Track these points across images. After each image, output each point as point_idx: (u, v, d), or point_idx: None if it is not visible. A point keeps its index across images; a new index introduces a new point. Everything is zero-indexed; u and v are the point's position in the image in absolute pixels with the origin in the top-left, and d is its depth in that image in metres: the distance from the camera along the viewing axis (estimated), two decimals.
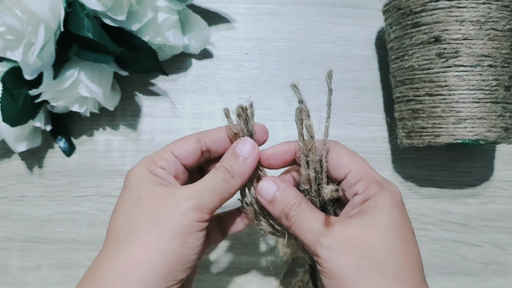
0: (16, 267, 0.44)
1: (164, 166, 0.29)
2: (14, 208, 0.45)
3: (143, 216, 0.26)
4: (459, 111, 0.37)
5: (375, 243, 0.25)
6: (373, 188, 0.27)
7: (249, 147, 0.29)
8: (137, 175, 0.28)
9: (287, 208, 0.28)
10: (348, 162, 0.28)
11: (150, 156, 0.30)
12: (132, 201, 0.27)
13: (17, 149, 0.41)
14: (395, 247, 0.26)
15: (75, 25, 0.37)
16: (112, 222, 0.28)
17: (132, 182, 0.28)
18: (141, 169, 0.29)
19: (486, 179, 0.46)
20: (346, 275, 0.25)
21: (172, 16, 0.41)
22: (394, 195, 0.27)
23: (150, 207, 0.27)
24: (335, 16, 0.48)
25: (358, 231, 0.26)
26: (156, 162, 0.29)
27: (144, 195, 0.27)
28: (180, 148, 0.30)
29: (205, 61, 0.47)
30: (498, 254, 0.45)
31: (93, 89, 0.40)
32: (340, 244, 0.26)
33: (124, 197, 0.28)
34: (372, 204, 0.27)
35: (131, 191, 0.28)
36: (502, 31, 0.37)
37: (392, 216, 0.26)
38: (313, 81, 0.47)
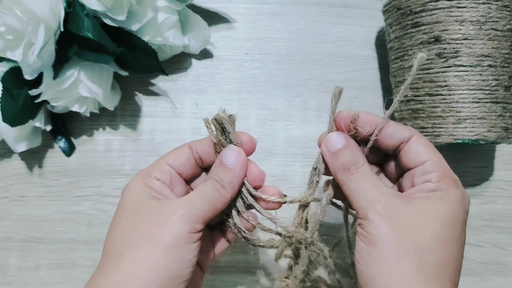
0: (15, 267, 0.44)
1: (159, 176, 0.29)
2: (14, 208, 0.45)
3: (135, 232, 0.26)
4: (459, 111, 0.37)
5: (429, 232, 0.25)
6: (449, 183, 0.27)
7: (235, 155, 0.29)
8: (132, 189, 0.28)
9: (350, 163, 0.28)
10: (429, 151, 0.28)
11: (145, 169, 0.30)
12: (126, 217, 0.27)
13: (17, 149, 0.41)
14: (446, 244, 0.25)
15: (75, 25, 0.37)
16: (107, 239, 0.27)
17: (126, 198, 0.28)
18: (136, 183, 0.29)
19: (486, 179, 0.46)
20: (389, 247, 0.25)
21: (172, 16, 0.41)
22: (465, 199, 0.27)
23: (142, 222, 0.26)
24: (335, 16, 0.48)
25: (415, 213, 0.25)
26: (151, 173, 0.29)
27: (137, 211, 0.27)
28: (174, 156, 0.30)
29: (205, 61, 0.47)
30: (499, 254, 0.45)
31: (93, 89, 0.40)
32: (394, 218, 0.25)
33: (118, 214, 0.28)
34: (442, 196, 0.26)
35: (125, 207, 0.28)
36: (502, 31, 0.37)
37: (456, 216, 0.26)
38: (313, 81, 0.47)
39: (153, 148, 0.45)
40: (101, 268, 0.26)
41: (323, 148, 0.29)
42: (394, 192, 0.27)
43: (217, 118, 0.29)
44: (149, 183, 0.29)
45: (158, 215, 0.26)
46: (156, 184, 0.29)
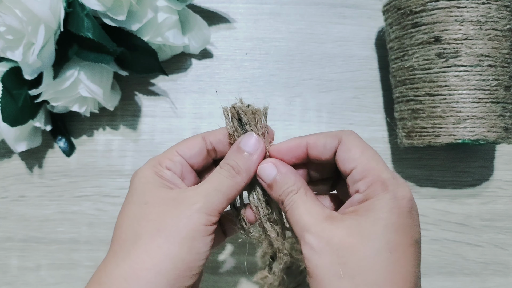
0: (16, 267, 0.44)
1: (170, 166, 0.28)
2: (14, 208, 0.45)
3: (148, 220, 0.26)
4: (459, 111, 0.37)
5: (357, 251, 0.23)
6: (375, 188, 0.25)
7: (254, 141, 0.28)
8: (142, 177, 0.28)
9: (284, 195, 0.27)
10: (356, 156, 0.26)
11: (156, 157, 0.29)
12: (137, 205, 0.27)
13: (17, 149, 0.41)
14: (378, 259, 0.23)
15: (75, 25, 0.37)
16: (117, 226, 0.27)
17: (137, 185, 0.27)
18: (146, 171, 0.28)
19: (486, 179, 0.46)
20: (324, 279, 0.23)
21: (172, 16, 0.41)
22: (398, 199, 0.24)
23: (155, 211, 0.26)
24: (335, 16, 0.48)
25: (343, 233, 0.24)
26: (162, 162, 0.28)
27: (149, 199, 0.27)
28: (186, 147, 0.29)
29: (205, 61, 0.47)
30: (498, 254, 0.45)
31: (93, 89, 0.40)
32: (322, 245, 0.24)
33: (129, 201, 0.27)
34: (368, 206, 0.24)
35: (136, 195, 0.27)
36: (502, 31, 0.37)
37: (386, 223, 0.23)
38: (313, 81, 0.47)
39: (153, 148, 0.45)
40: (111, 255, 0.26)
41: (260, 181, 0.29)
42: (328, 214, 0.25)
43: (234, 107, 0.29)
44: (160, 172, 0.28)
45: (173, 205, 0.26)
46: (167, 174, 0.28)
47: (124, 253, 0.25)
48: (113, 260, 0.25)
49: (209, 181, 0.27)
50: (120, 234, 0.26)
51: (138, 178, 0.28)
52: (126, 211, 0.27)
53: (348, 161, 0.26)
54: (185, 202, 0.26)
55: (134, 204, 0.27)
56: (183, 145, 0.29)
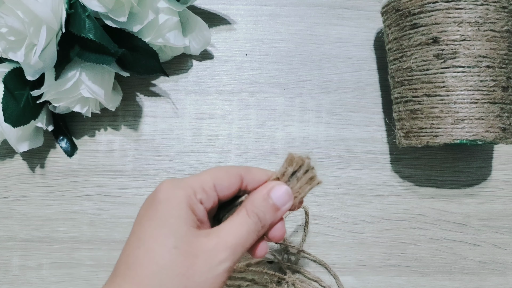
0: (17, 266, 0.44)
1: (204, 200, 0.25)
2: (16, 208, 0.45)
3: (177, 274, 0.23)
4: (457, 111, 0.37)
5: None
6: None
7: (285, 194, 0.26)
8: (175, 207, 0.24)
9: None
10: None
11: (191, 182, 0.25)
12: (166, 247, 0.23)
13: (19, 149, 0.41)
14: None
15: (77, 26, 0.37)
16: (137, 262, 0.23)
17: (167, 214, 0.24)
18: (180, 201, 0.24)
19: (484, 179, 0.46)
20: None
21: (173, 17, 0.41)
22: None
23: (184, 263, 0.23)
24: (334, 18, 0.48)
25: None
26: (197, 193, 0.25)
27: (180, 244, 0.23)
28: (224, 185, 0.26)
29: (205, 62, 0.48)
30: (497, 254, 0.45)
31: (95, 89, 0.40)
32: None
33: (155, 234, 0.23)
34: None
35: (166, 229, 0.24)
36: (500, 32, 0.37)
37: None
38: (312, 81, 0.47)
39: (154, 148, 0.46)
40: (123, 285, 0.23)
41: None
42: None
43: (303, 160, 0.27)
44: (193, 206, 0.25)
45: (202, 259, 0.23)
46: (200, 209, 0.25)
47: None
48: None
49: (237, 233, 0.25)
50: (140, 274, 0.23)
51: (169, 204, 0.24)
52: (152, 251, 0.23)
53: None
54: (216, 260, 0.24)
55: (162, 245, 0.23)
56: (221, 179, 0.26)
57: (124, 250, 0.24)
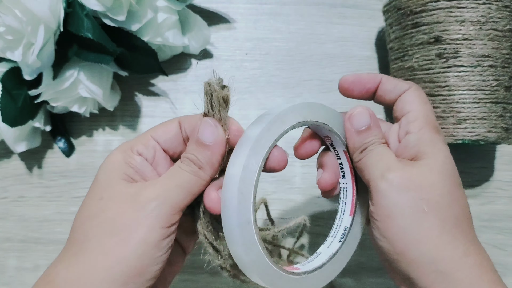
0: (14, 268, 0.44)
1: (142, 151, 0.26)
2: (13, 209, 0.44)
3: (101, 220, 0.24)
4: (459, 111, 0.37)
5: (438, 187, 0.25)
6: (429, 129, 0.27)
7: (211, 130, 0.25)
8: (108, 165, 0.26)
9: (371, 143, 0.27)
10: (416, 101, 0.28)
11: (129, 142, 0.27)
12: (94, 201, 0.25)
13: (16, 149, 0.41)
14: (455, 194, 0.25)
15: (75, 25, 0.37)
16: (73, 223, 0.25)
17: (99, 175, 0.26)
18: (114, 158, 0.26)
19: (486, 180, 0.46)
20: (404, 215, 0.24)
21: (172, 16, 0.41)
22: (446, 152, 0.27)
23: (111, 209, 0.24)
24: (335, 16, 0.48)
25: (422, 172, 0.25)
26: (133, 147, 0.26)
27: (105, 194, 0.24)
28: (161, 130, 0.27)
29: (205, 62, 0.47)
30: (497, 255, 0.45)
31: (93, 89, 0.40)
32: (405, 181, 0.25)
33: (88, 194, 0.25)
34: (431, 148, 0.26)
35: (95, 188, 0.25)
36: (502, 31, 0.37)
37: (451, 163, 0.26)
38: (313, 81, 0.47)
39: None
40: (62, 254, 0.24)
41: (347, 125, 0.28)
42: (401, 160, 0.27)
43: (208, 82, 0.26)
44: (129, 158, 0.26)
45: (129, 204, 0.24)
46: (137, 160, 0.26)
47: (73, 254, 0.24)
48: (62, 260, 0.24)
49: (170, 176, 0.25)
50: (73, 233, 0.25)
51: (104, 166, 0.26)
52: (83, 207, 0.25)
53: (409, 104, 0.28)
54: (142, 201, 0.24)
55: (91, 199, 0.25)
56: (158, 128, 0.28)
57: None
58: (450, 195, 0.25)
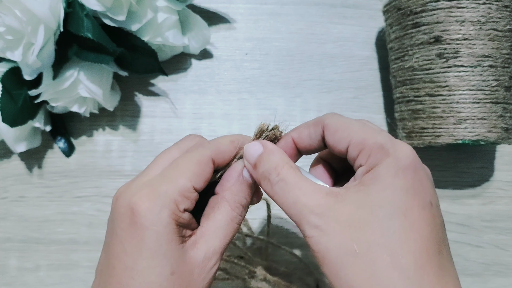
0: (15, 268, 0.44)
1: (188, 206, 0.23)
2: (14, 209, 0.44)
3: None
4: (460, 111, 0.37)
5: (369, 222, 0.21)
6: (375, 156, 0.22)
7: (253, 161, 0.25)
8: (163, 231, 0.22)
9: (267, 172, 0.24)
10: (345, 134, 0.24)
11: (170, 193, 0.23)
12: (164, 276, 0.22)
13: (16, 149, 0.41)
14: (391, 227, 0.21)
15: (75, 25, 0.37)
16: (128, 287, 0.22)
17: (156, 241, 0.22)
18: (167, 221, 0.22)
19: (486, 180, 0.46)
20: (336, 260, 0.21)
21: (172, 16, 0.41)
22: (400, 160, 0.22)
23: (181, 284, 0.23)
24: (335, 16, 0.48)
25: (352, 208, 0.22)
26: (180, 204, 0.23)
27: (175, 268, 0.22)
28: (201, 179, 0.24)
29: (205, 61, 0.47)
30: (499, 255, 0.45)
31: (93, 89, 0.40)
32: (331, 224, 0.21)
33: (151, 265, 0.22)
34: (372, 175, 0.22)
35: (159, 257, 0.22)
36: (502, 31, 0.37)
37: (393, 188, 0.21)
38: (313, 81, 0.47)
39: (153, 149, 0.45)
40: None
41: (245, 164, 0.26)
42: (328, 190, 0.23)
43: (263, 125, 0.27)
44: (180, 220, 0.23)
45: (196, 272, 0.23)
46: (185, 217, 0.23)
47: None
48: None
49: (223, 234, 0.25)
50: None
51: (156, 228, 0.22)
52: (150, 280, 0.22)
53: (339, 142, 0.24)
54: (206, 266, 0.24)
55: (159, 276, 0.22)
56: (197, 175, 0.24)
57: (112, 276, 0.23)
58: (384, 229, 0.21)
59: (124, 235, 0.23)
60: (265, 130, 0.27)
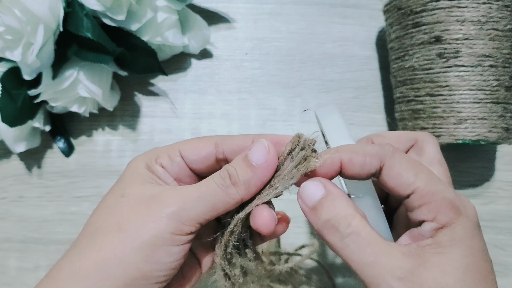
0: (14, 268, 0.43)
1: (166, 164, 0.25)
2: (13, 209, 0.44)
3: (115, 216, 0.23)
4: (460, 111, 0.37)
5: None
6: (447, 213, 0.21)
7: (264, 152, 0.23)
8: (133, 167, 0.25)
9: (336, 220, 0.22)
10: (411, 181, 0.22)
11: (156, 149, 0.26)
12: (114, 196, 0.24)
13: (16, 149, 0.41)
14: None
15: (75, 25, 0.37)
16: (90, 216, 0.24)
17: (124, 175, 0.25)
18: (140, 162, 0.25)
19: (487, 180, 0.46)
20: None
21: (172, 16, 0.41)
22: (471, 219, 0.22)
23: (127, 207, 0.23)
24: (336, 16, 0.48)
25: (436, 273, 0.20)
26: (159, 157, 0.26)
27: (127, 192, 0.24)
28: (191, 150, 0.26)
29: (204, 61, 0.47)
30: (498, 255, 0.45)
31: (92, 89, 0.40)
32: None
33: (110, 191, 0.25)
34: (449, 236, 0.21)
35: (118, 185, 0.25)
36: (502, 31, 0.37)
37: (472, 252, 0.21)
38: (313, 81, 0.47)
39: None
40: (71, 248, 0.24)
41: (299, 203, 0.23)
42: (404, 250, 0.21)
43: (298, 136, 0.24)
44: (152, 167, 0.25)
45: (146, 204, 0.23)
46: (159, 170, 0.25)
47: (80, 248, 0.23)
48: (70, 253, 0.24)
49: (197, 186, 0.23)
50: (86, 226, 0.24)
51: (129, 166, 0.26)
52: (102, 201, 0.25)
53: (401, 187, 0.22)
54: (159, 203, 0.23)
55: (112, 195, 0.24)
56: (189, 145, 0.26)
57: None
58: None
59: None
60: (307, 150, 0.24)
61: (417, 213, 0.22)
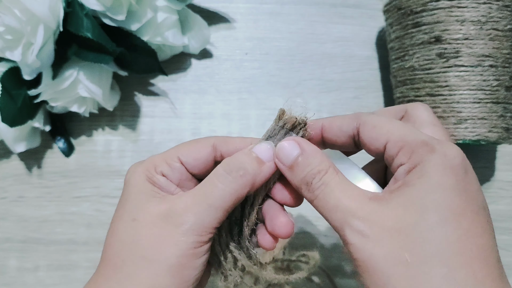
0: (14, 268, 0.43)
1: (167, 173, 0.25)
2: (13, 209, 0.44)
3: (135, 244, 0.23)
4: (460, 111, 0.37)
5: (419, 228, 0.19)
6: (420, 152, 0.20)
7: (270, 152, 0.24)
8: (134, 183, 0.25)
9: (310, 176, 0.22)
10: (385, 130, 0.22)
11: (154, 158, 0.25)
12: (126, 222, 0.24)
13: (16, 149, 0.41)
14: (445, 234, 0.19)
15: (75, 25, 0.37)
16: (106, 244, 0.24)
17: (127, 195, 0.25)
18: (137, 176, 0.25)
19: (487, 180, 0.46)
20: (383, 270, 0.19)
21: (172, 16, 0.41)
22: (448, 157, 0.20)
23: (143, 233, 0.23)
24: (336, 16, 0.48)
25: (399, 211, 0.20)
26: (158, 166, 0.25)
27: (138, 215, 0.24)
28: (190, 154, 0.25)
29: (204, 61, 0.47)
30: (502, 256, 0.43)
31: (93, 89, 0.40)
32: (376, 229, 0.20)
33: (118, 214, 0.25)
34: (417, 174, 0.20)
35: (124, 207, 0.24)
36: (503, 31, 0.37)
37: (443, 188, 0.19)
38: (313, 81, 0.47)
39: (153, 149, 0.45)
40: (97, 277, 0.24)
41: (277, 163, 0.24)
42: (371, 195, 0.21)
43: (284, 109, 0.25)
44: (153, 178, 0.25)
45: (161, 226, 0.23)
46: (160, 180, 0.25)
47: (108, 278, 0.23)
48: (98, 281, 0.23)
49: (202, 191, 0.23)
50: (107, 255, 0.24)
51: (129, 182, 0.25)
52: (115, 229, 0.24)
53: (377, 139, 0.22)
54: (172, 224, 0.23)
55: (123, 221, 0.24)
56: (187, 150, 0.25)
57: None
58: (439, 235, 0.19)
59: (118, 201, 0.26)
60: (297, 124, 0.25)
61: (395, 162, 0.22)
